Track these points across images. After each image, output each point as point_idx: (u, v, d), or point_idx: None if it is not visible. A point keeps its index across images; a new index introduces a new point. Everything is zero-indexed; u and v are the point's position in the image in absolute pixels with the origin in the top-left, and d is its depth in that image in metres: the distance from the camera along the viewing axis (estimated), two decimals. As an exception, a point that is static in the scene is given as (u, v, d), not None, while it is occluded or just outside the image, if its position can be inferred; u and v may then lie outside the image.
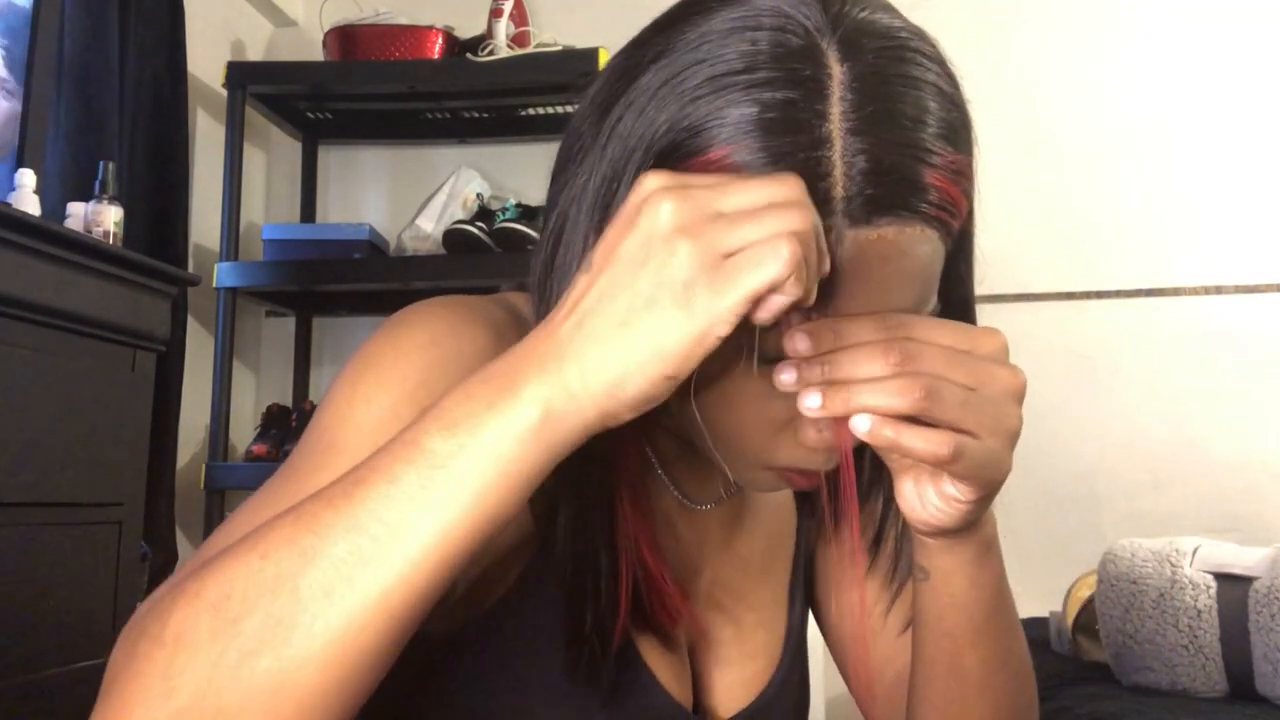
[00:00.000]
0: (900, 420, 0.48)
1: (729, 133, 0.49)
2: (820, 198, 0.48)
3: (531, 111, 2.68)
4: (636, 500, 0.60)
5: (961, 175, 0.52)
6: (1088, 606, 1.68)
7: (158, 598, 0.48)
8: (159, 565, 2.14)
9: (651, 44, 0.54)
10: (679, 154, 0.50)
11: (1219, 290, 2.47)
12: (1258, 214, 2.48)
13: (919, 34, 0.53)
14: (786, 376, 0.50)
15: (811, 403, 0.49)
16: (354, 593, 0.44)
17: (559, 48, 2.49)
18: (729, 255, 0.44)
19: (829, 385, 0.49)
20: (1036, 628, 1.95)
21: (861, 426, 0.48)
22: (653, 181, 0.46)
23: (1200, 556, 1.46)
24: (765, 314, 0.45)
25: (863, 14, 0.51)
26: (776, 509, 0.76)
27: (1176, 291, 2.49)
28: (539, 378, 0.45)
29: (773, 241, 0.43)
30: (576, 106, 0.59)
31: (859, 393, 0.48)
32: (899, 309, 0.51)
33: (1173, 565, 1.45)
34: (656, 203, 0.45)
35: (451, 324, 0.59)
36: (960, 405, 0.48)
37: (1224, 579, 1.42)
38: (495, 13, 2.48)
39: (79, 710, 1.65)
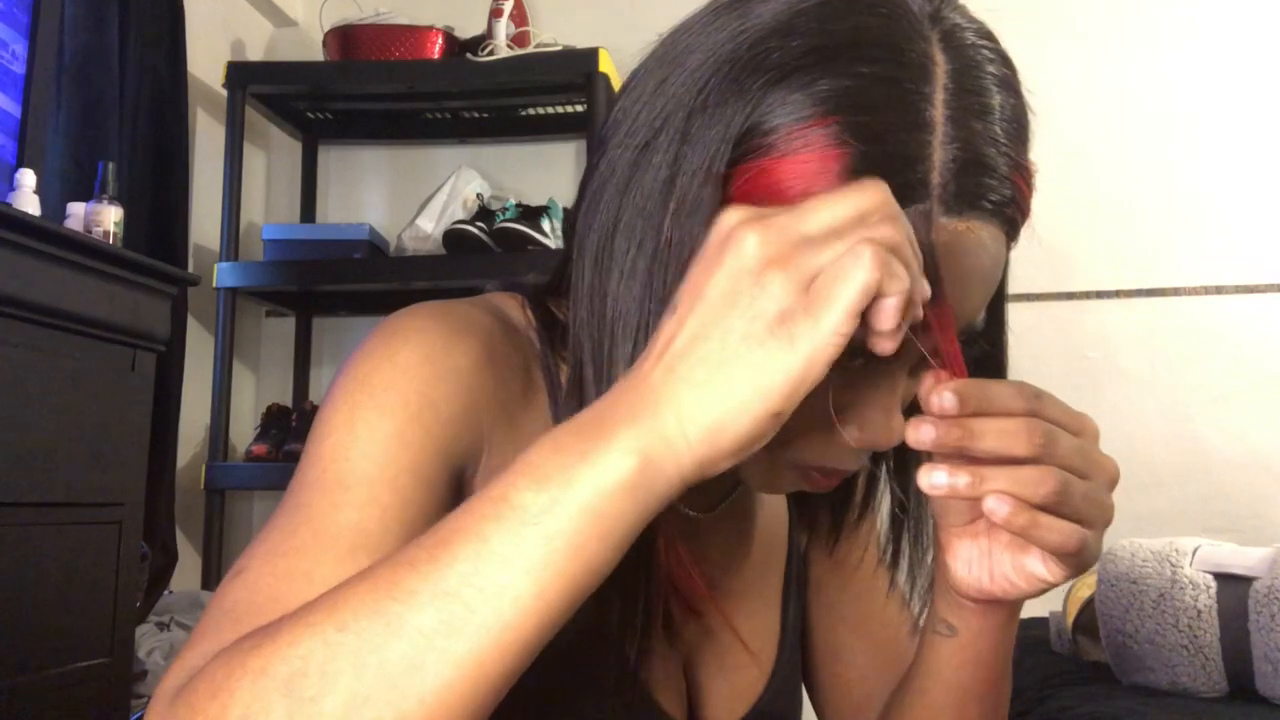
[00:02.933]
0: (1034, 510, 0.47)
1: (829, 105, 0.48)
2: (916, 181, 0.48)
3: (531, 111, 2.68)
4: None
5: (1031, 180, 0.53)
6: (1088, 606, 1.68)
7: (191, 666, 0.45)
8: (159, 565, 2.14)
9: (733, 12, 0.52)
10: (769, 123, 0.49)
11: (1219, 290, 2.47)
12: (1258, 214, 2.48)
13: (998, 41, 0.55)
14: (926, 434, 0.47)
15: (938, 480, 0.47)
16: (446, 665, 0.40)
17: (559, 48, 2.49)
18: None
19: (963, 460, 0.47)
20: (1036, 628, 1.95)
21: (1000, 511, 0.46)
22: (732, 217, 0.45)
23: (1200, 556, 1.46)
24: (885, 322, 0.43)
25: (956, 13, 0.53)
26: (769, 515, 0.75)
27: (1176, 291, 2.49)
28: (633, 426, 0.43)
29: (853, 249, 0.42)
30: (637, 71, 0.57)
31: (996, 478, 0.47)
32: (971, 307, 0.52)
33: (1173, 565, 1.45)
34: (741, 237, 0.43)
35: (444, 337, 0.57)
36: (1082, 500, 0.48)
37: (1224, 579, 1.42)
38: (495, 13, 2.48)
39: (79, 710, 1.65)
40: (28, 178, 1.72)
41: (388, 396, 0.54)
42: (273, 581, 0.49)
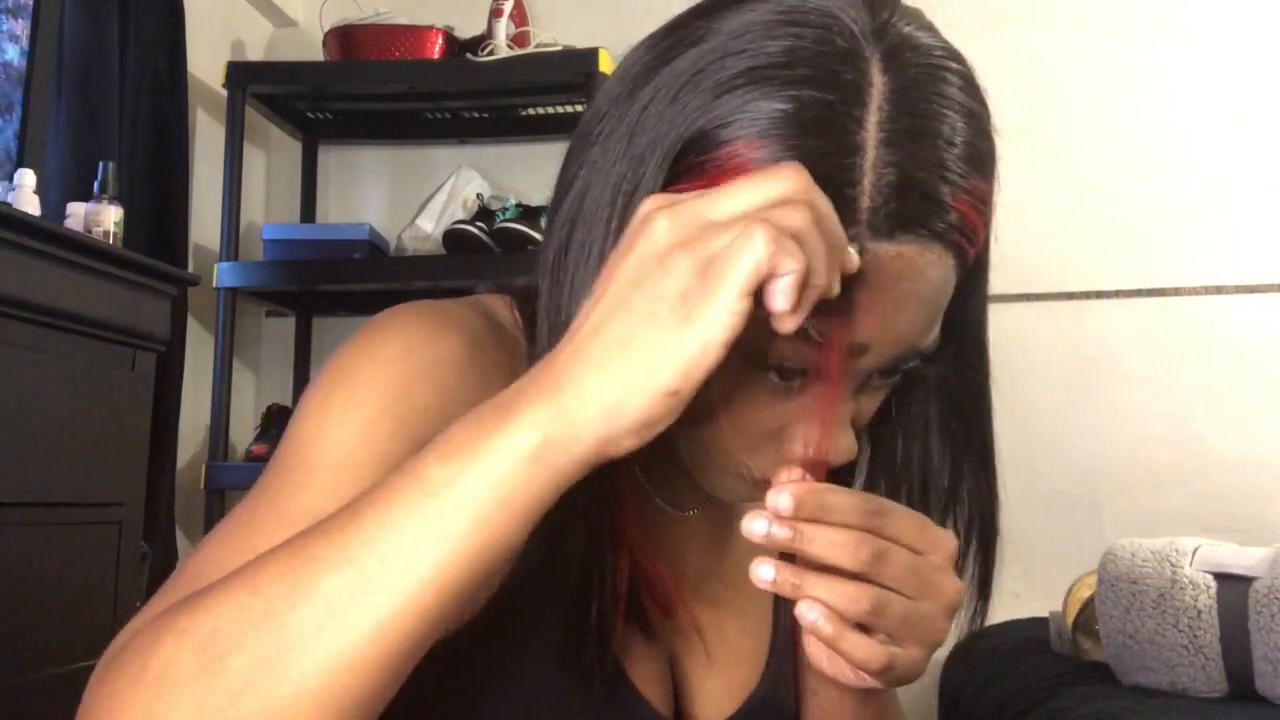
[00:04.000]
0: (844, 623, 0.48)
1: (761, 126, 0.48)
2: (846, 206, 0.48)
3: (531, 111, 2.67)
4: (628, 499, 0.59)
5: (984, 203, 0.52)
6: (1088, 606, 1.68)
7: (136, 629, 0.46)
8: (159, 565, 2.14)
9: (690, 29, 0.53)
10: (706, 143, 0.50)
11: (1219, 290, 2.47)
12: (1258, 214, 2.47)
13: (959, 58, 0.54)
14: (757, 528, 0.48)
15: (764, 574, 0.48)
16: (346, 629, 0.42)
17: (559, 48, 2.49)
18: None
19: (787, 562, 0.48)
20: (1036, 628, 1.95)
21: (809, 616, 0.47)
22: (649, 203, 0.45)
23: (1200, 556, 1.46)
24: (783, 302, 0.43)
25: (908, 28, 0.52)
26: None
27: (1176, 291, 2.49)
28: (536, 403, 0.44)
29: (746, 230, 0.42)
30: (605, 83, 0.57)
31: (814, 585, 0.48)
32: (908, 329, 0.52)
33: (1173, 565, 1.45)
34: (652, 221, 0.44)
35: (427, 332, 0.57)
36: (901, 620, 0.48)
37: (1224, 579, 1.42)
38: (495, 13, 2.48)
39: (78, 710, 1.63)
40: (28, 178, 1.72)
41: (364, 388, 0.55)
42: (223, 554, 0.50)
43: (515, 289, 0.66)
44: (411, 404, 0.54)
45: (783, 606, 0.74)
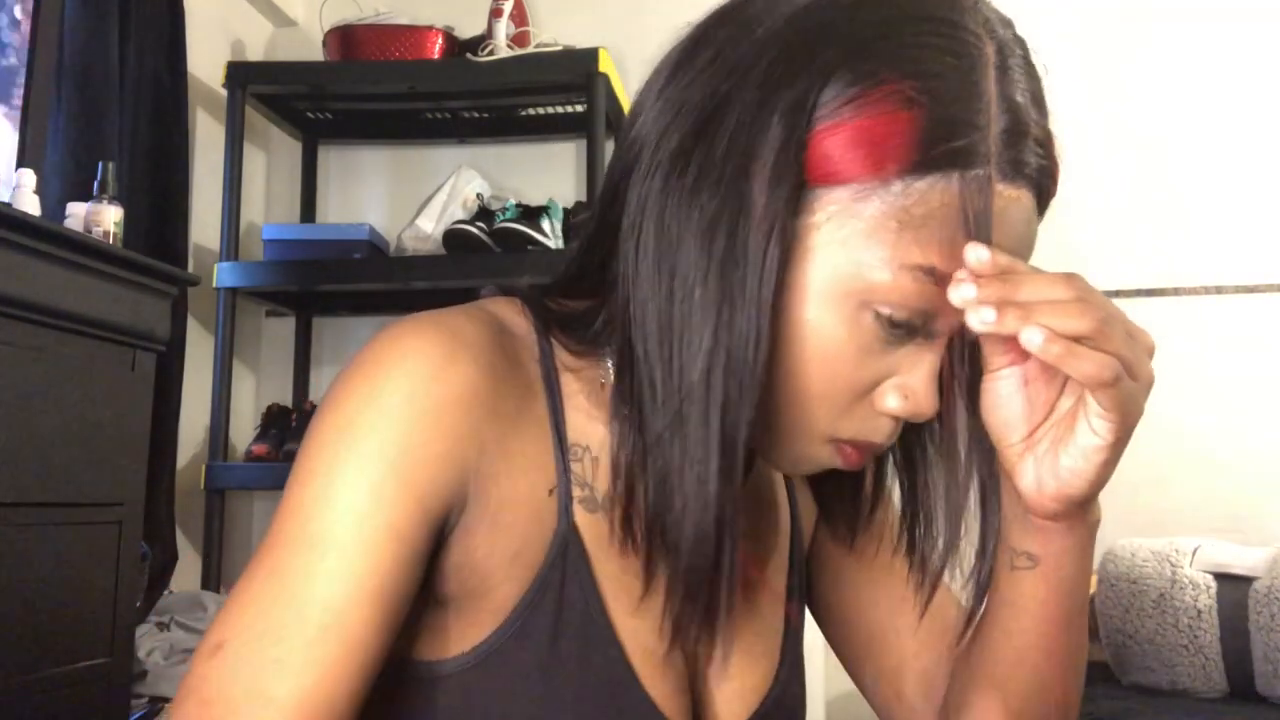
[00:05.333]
0: (1070, 340, 0.50)
1: (905, 69, 0.52)
2: (976, 146, 0.52)
3: (531, 111, 2.67)
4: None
5: (1058, 153, 0.58)
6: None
7: None
8: (159, 565, 2.14)
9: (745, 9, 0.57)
10: (845, 87, 0.53)
11: (1219, 290, 2.47)
12: (1258, 214, 2.48)
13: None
14: (966, 290, 0.51)
15: (986, 316, 0.50)
16: None
17: (559, 48, 2.49)
18: None
19: (1005, 304, 0.51)
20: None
21: (1035, 340, 0.50)
22: None
23: (1200, 556, 1.46)
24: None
25: (986, 6, 0.58)
26: (770, 510, 0.75)
27: (1176, 291, 2.49)
28: None
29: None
30: (642, 95, 0.60)
31: (1039, 312, 0.50)
32: None
33: (1173, 565, 1.45)
34: None
35: (432, 366, 0.55)
36: (1124, 339, 0.51)
37: (1224, 579, 1.42)
38: (495, 13, 2.48)
39: (79, 710, 1.65)
40: (28, 178, 1.72)
41: (366, 445, 0.54)
42: (249, 672, 0.51)
43: (522, 290, 0.65)
44: (414, 459, 0.54)
45: (794, 601, 0.74)
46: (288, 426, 2.50)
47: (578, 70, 2.40)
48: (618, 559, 0.61)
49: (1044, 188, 0.56)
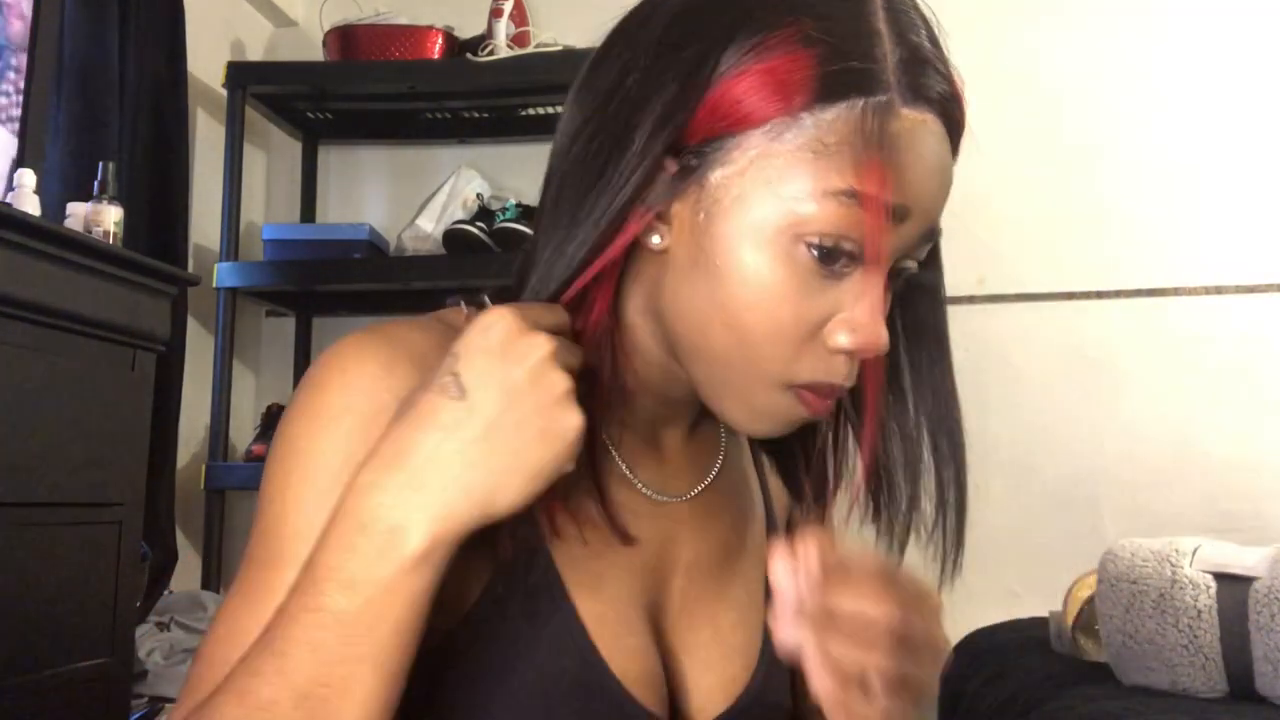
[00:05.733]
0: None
1: (798, 11, 0.56)
2: (876, 75, 0.55)
3: (531, 111, 2.67)
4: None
5: (963, 87, 0.60)
6: (1088, 606, 1.68)
7: None
8: (159, 565, 2.14)
9: None
10: (753, 29, 0.56)
11: (1219, 290, 2.47)
12: (1258, 214, 2.47)
13: None
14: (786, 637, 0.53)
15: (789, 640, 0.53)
16: None
17: (559, 48, 2.49)
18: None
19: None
20: (1037, 628, 1.95)
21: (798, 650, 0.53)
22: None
23: (1200, 556, 1.46)
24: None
25: None
26: (746, 500, 0.75)
27: (1176, 291, 2.49)
28: (414, 516, 0.51)
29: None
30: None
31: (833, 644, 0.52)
32: (933, 201, 0.58)
33: (1173, 565, 1.45)
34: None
35: (369, 377, 0.58)
36: (899, 682, 0.53)
37: (1224, 579, 1.42)
38: (495, 13, 2.48)
39: (79, 710, 1.65)
40: (28, 178, 1.72)
41: (311, 461, 0.57)
42: (219, 669, 0.54)
43: (479, 299, 0.66)
44: (358, 463, 0.56)
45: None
46: (288, 426, 2.50)
47: (577, 70, 2.39)
48: (579, 545, 0.62)
49: (950, 114, 0.58)
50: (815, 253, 0.56)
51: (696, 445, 0.73)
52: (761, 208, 0.56)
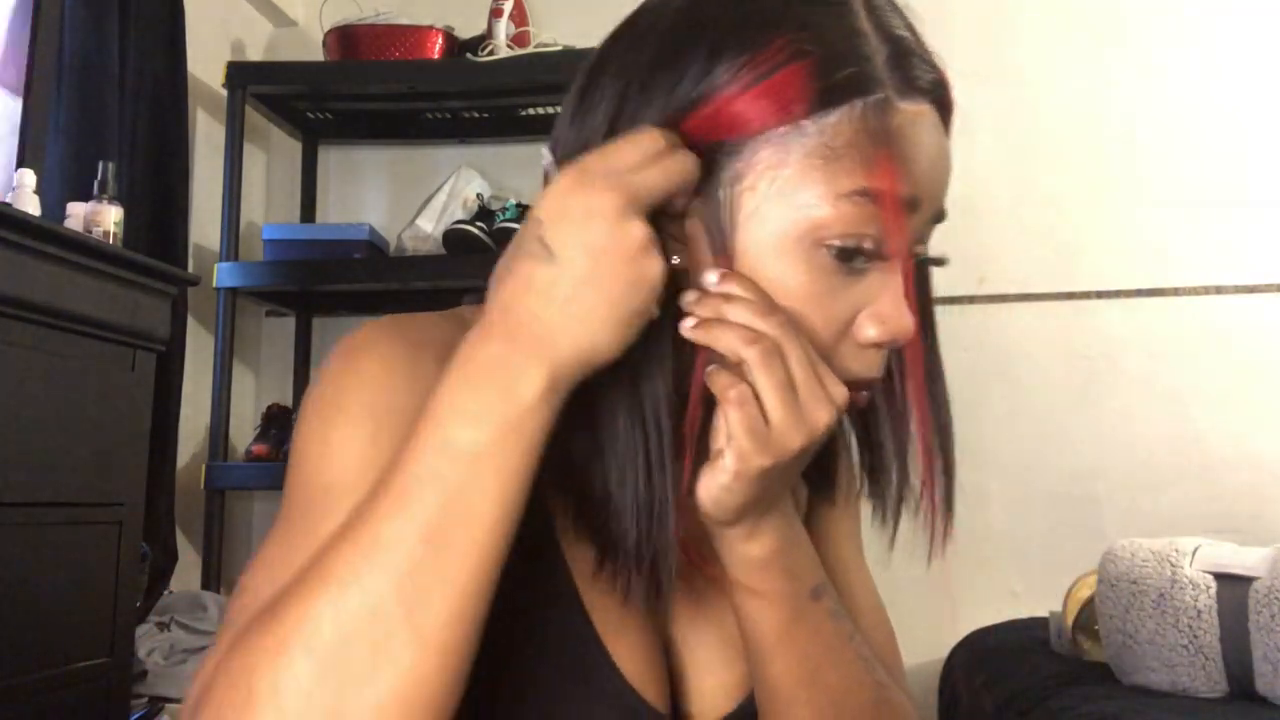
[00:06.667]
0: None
1: (783, 27, 0.57)
2: (868, 74, 0.57)
3: (531, 111, 2.67)
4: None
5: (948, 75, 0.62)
6: (1088, 606, 1.68)
7: (209, 672, 0.49)
8: (159, 565, 2.14)
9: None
10: (742, 43, 0.57)
11: (1219, 290, 2.47)
12: (1258, 214, 2.47)
13: None
14: (690, 295, 0.57)
15: (687, 324, 0.57)
16: (449, 587, 0.48)
17: (559, 48, 2.49)
18: None
19: (711, 320, 0.57)
20: (1036, 628, 1.95)
21: (686, 328, 0.57)
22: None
23: (1200, 556, 1.46)
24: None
25: None
26: None
27: (1176, 291, 2.49)
28: (529, 355, 0.51)
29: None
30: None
31: (725, 330, 0.56)
32: (940, 183, 0.60)
33: (1173, 565, 1.45)
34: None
35: (403, 347, 0.60)
36: (778, 386, 0.56)
37: (1224, 579, 1.42)
38: (495, 13, 2.48)
39: (79, 710, 1.65)
40: (28, 178, 1.72)
41: (355, 408, 0.58)
42: (270, 592, 0.52)
43: None
44: (403, 417, 0.56)
45: None
46: (288, 426, 2.50)
47: (577, 70, 2.40)
48: (587, 542, 0.62)
49: (942, 99, 0.60)
50: (835, 254, 0.57)
51: None
52: (779, 219, 0.57)
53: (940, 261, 0.64)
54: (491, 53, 2.45)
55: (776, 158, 0.57)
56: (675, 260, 0.59)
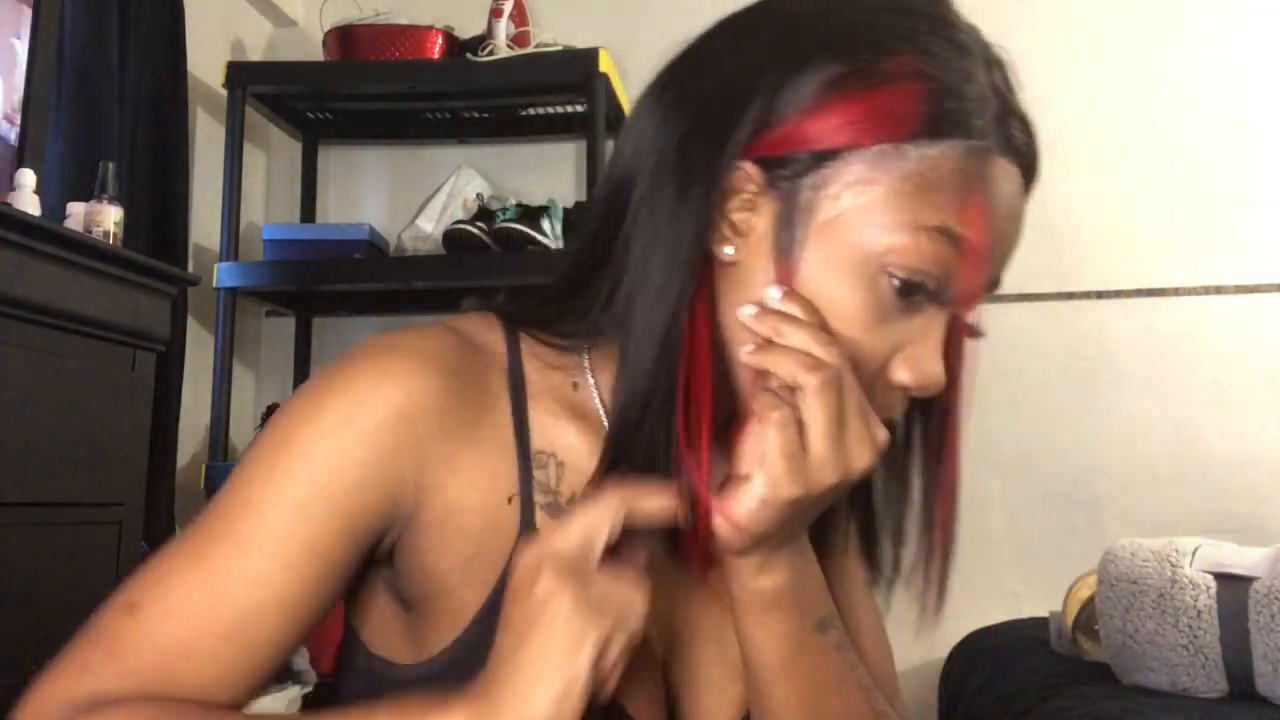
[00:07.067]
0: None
1: (910, 46, 0.57)
2: (978, 119, 0.56)
3: (531, 111, 2.67)
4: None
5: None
6: (1088, 606, 1.68)
7: (48, 701, 0.53)
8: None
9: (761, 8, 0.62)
10: (861, 56, 0.56)
11: (1219, 290, 2.47)
12: (1258, 214, 2.47)
13: None
14: (748, 309, 0.57)
15: (747, 348, 0.56)
16: None
17: (559, 48, 2.48)
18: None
19: (768, 343, 0.56)
20: (1036, 628, 1.95)
21: (745, 356, 0.57)
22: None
23: (1200, 556, 1.46)
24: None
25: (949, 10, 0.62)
26: None
27: (1176, 291, 2.49)
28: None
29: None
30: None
31: (784, 357, 0.55)
32: (1011, 243, 0.60)
33: (1173, 565, 1.45)
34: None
35: (374, 389, 0.58)
36: (828, 419, 0.55)
37: (1224, 579, 1.42)
38: (495, 13, 2.48)
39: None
40: (28, 178, 1.72)
41: (302, 463, 0.57)
42: (160, 645, 0.53)
43: (496, 305, 0.67)
44: (348, 479, 0.56)
45: None
46: (288, 426, 2.50)
47: (577, 70, 2.40)
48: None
49: (1030, 168, 0.60)
50: (898, 285, 0.56)
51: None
52: (854, 235, 0.56)
53: (980, 333, 0.62)
54: (491, 53, 2.45)
55: (869, 174, 0.56)
56: (730, 251, 0.59)
